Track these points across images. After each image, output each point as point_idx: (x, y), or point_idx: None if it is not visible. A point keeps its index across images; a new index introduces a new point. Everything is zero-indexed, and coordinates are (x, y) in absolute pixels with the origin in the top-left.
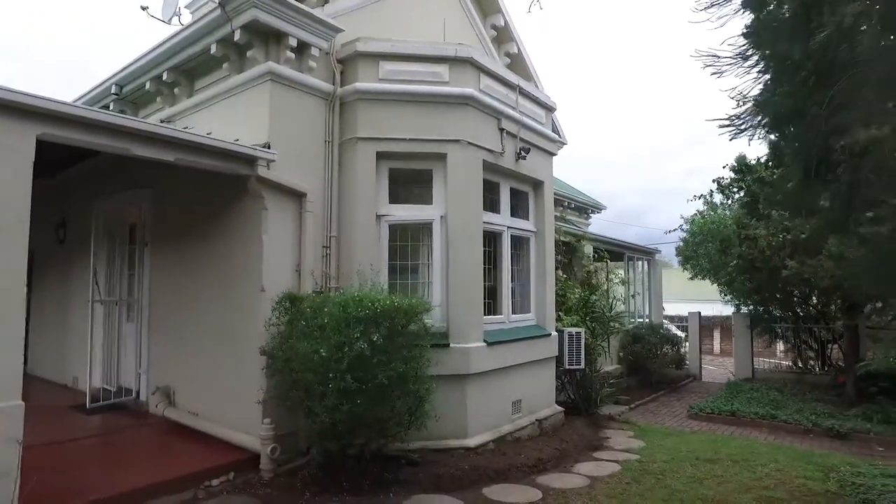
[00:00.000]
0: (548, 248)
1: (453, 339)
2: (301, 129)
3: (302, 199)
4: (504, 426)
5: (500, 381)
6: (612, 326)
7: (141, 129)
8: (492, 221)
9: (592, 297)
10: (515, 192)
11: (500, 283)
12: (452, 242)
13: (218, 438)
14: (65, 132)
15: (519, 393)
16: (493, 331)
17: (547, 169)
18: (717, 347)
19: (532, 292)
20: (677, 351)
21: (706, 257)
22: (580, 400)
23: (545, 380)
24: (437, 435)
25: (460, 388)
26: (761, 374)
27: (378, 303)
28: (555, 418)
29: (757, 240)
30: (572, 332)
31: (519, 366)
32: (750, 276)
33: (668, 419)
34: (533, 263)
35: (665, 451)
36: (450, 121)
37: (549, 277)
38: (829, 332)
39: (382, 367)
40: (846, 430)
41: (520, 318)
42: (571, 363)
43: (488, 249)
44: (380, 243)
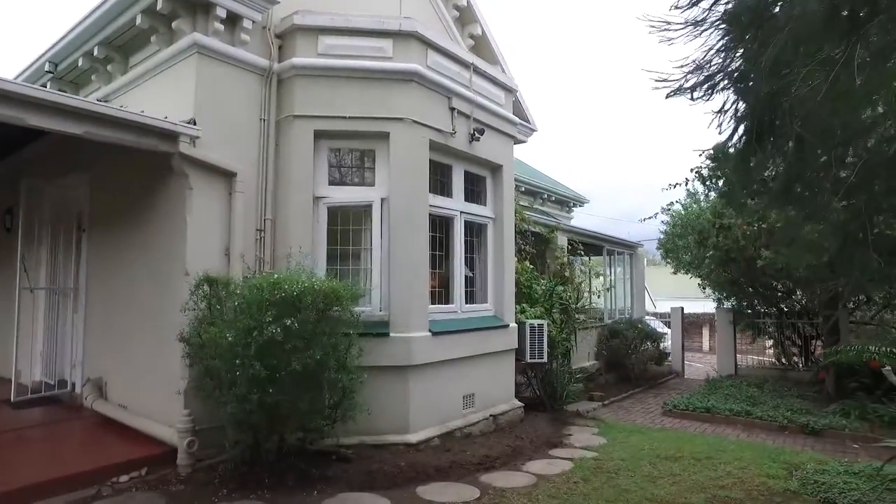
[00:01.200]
0: (507, 236)
1: (394, 328)
2: (233, 106)
3: (232, 178)
4: (453, 421)
5: (450, 373)
6: (578, 319)
7: (36, 96)
8: (442, 206)
9: (559, 288)
10: (471, 176)
11: (451, 271)
12: (395, 226)
13: (142, 433)
14: None
15: (472, 386)
16: (443, 320)
17: (507, 153)
18: (707, 345)
19: (490, 282)
20: (657, 347)
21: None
22: (545, 396)
23: (503, 373)
24: (376, 429)
25: (402, 380)
26: (745, 370)
27: (296, 285)
28: (513, 414)
29: (731, 229)
30: (534, 323)
31: (472, 358)
32: (726, 267)
33: (640, 416)
34: (491, 251)
35: (626, 448)
36: (394, 98)
37: (509, 266)
38: (813, 328)
39: (297, 353)
40: (821, 427)
41: (475, 309)
42: (533, 356)
43: (439, 235)
44: (318, 227)
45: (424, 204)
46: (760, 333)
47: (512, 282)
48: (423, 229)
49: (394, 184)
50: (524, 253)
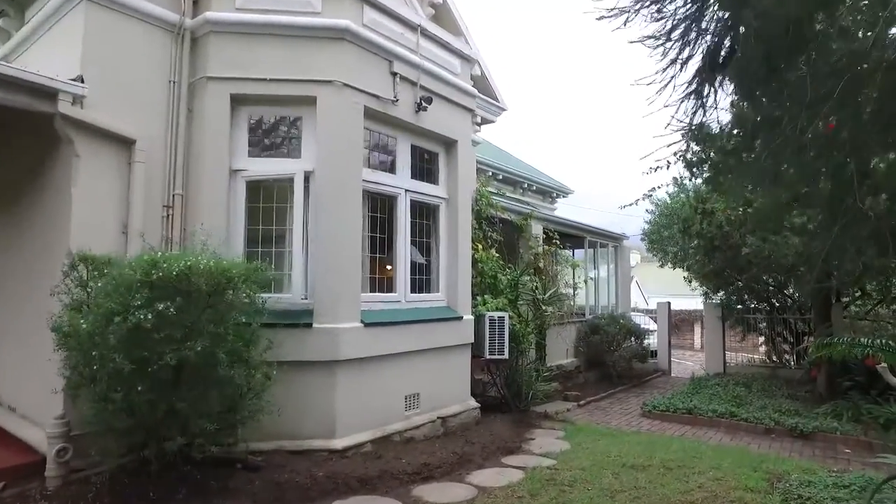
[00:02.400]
0: (462, 219)
1: (319, 318)
2: (134, 64)
3: (131, 146)
4: (392, 424)
5: (389, 370)
6: (546, 312)
7: None
8: (383, 182)
9: (524, 278)
10: (420, 152)
11: (395, 256)
12: (321, 203)
13: (21, 440)
14: None
15: (416, 385)
16: (382, 311)
17: (463, 128)
18: (698, 342)
19: (442, 269)
20: (641, 343)
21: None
22: (509, 395)
23: (455, 371)
24: (298, 433)
25: (328, 378)
26: (734, 368)
27: (177, 264)
28: (466, 416)
29: (715, 214)
30: (494, 316)
31: (417, 353)
32: (709, 257)
33: (616, 418)
34: (444, 236)
35: (590, 455)
36: (322, 59)
37: (464, 252)
38: (805, 324)
39: (173, 344)
40: (810, 430)
41: (422, 298)
42: (493, 352)
43: (380, 216)
44: (235, 203)
45: (357, 179)
46: (751, 330)
47: (467, 270)
48: (354, 207)
49: (321, 155)
50: (491, 240)
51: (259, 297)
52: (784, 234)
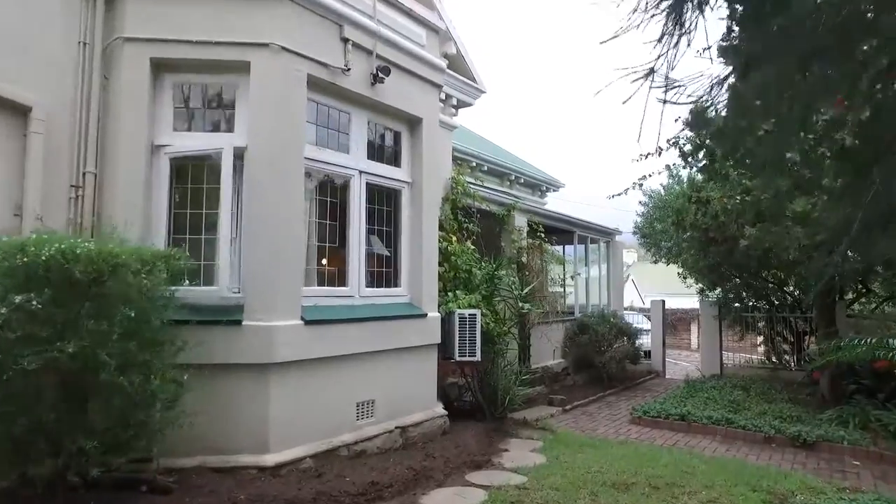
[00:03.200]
0: (428, 206)
1: (250, 315)
2: (31, 19)
3: (26, 115)
4: (340, 436)
5: (337, 374)
6: (523, 309)
7: None
8: (332, 162)
9: (500, 272)
10: (378, 130)
11: (348, 246)
12: (255, 183)
13: None
14: None
15: (371, 391)
16: (330, 306)
17: (429, 104)
18: (695, 342)
19: (404, 261)
20: (633, 343)
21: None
22: (483, 401)
23: (419, 374)
24: (225, 447)
25: (260, 383)
26: (731, 370)
27: (48, 248)
28: (431, 425)
29: (710, 203)
30: (464, 313)
31: (372, 355)
32: (704, 250)
33: (603, 424)
34: (406, 224)
35: (567, 471)
36: (257, 18)
37: (429, 243)
38: (807, 323)
39: (36, 346)
40: (814, 438)
41: (380, 293)
42: (462, 353)
43: (331, 200)
44: (157, 183)
45: (298, 157)
46: (749, 329)
47: (433, 262)
48: (295, 189)
49: (255, 129)
50: (467, 232)
51: (169, 289)
52: (785, 224)
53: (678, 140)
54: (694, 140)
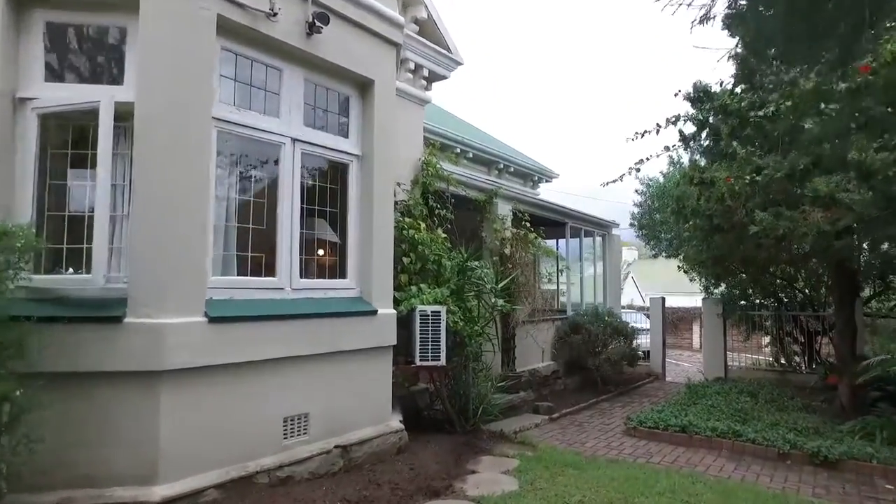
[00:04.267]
0: (379, 183)
1: (135, 310)
2: None
3: None
4: (260, 459)
5: (256, 383)
6: (497, 305)
7: None
8: (256, 126)
9: (473, 263)
10: (319, 92)
11: (277, 228)
12: (145, 147)
13: None
14: None
15: (304, 403)
16: (252, 301)
17: (383, 64)
18: (697, 342)
19: (351, 248)
20: (629, 344)
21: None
22: (453, 412)
23: (368, 382)
24: (99, 478)
25: (146, 396)
26: (736, 372)
27: None
28: (383, 442)
29: (715, 184)
30: (426, 310)
31: (306, 359)
32: (708, 240)
33: (594, 437)
34: (354, 204)
35: (542, 501)
36: None
37: (382, 227)
38: (819, 322)
39: None
40: (837, 456)
41: (320, 286)
42: (424, 357)
43: (256, 173)
44: (22, 146)
45: (204, 116)
46: (755, 328)
47: (388, 250)
48: (199, 155)
49: (146, 81)
50: (439, 219)
51: (21, 276)
52: (802, 207)
53: (679, 118)
54: (696, 118)
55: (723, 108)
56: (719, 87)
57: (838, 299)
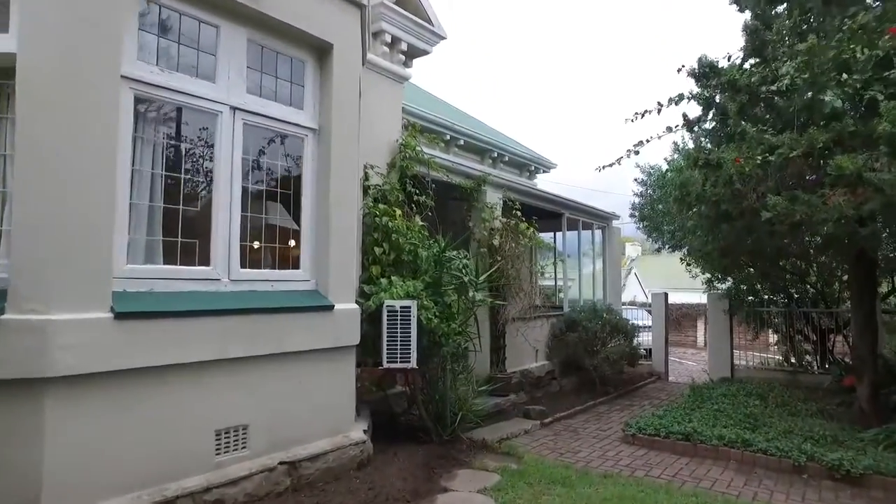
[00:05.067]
0: (339, 160)
1: (17, 304)
2: None
3: None
4: (182, 480)
5: (178, 390)
6: (476, 300)
7: None
8: (186, 90)
9: (451, 254)
10: (268, 55)
11: (214, 211)
12: (32, 109)
13: None
14: None
15: (242, 413)
16: (179, 293)
17: (345, 28)
18: (701, 339)
19: (306, 234)
20: (630, 342)
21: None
22: (429, 418)
23: (322, 387)
24: None
25: (29, 410)
26: (743, 372)
27: None
28: (340, 456)
29: (722, 167)
30: (394, 305)
31: (245, 362)
32: (714, 230)
33: (588, 445)
34: (310, 185)
35: None
36: None
37: (342, 211)
38: (832, 319)
39: None
40: (861, 470)
41: (267, 277)
42: (392, 358)
43: (187, 146)
44: None
45: (109, 72)
46: (764, 326)
47: (350, 237)
48: (100, 120)
49: (32, 29)
50: (419, 206)
51: None
52: (821, 191)
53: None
54: (701, 96)
55: (731, 83)
56: (727, 62)
57: (857, 295)
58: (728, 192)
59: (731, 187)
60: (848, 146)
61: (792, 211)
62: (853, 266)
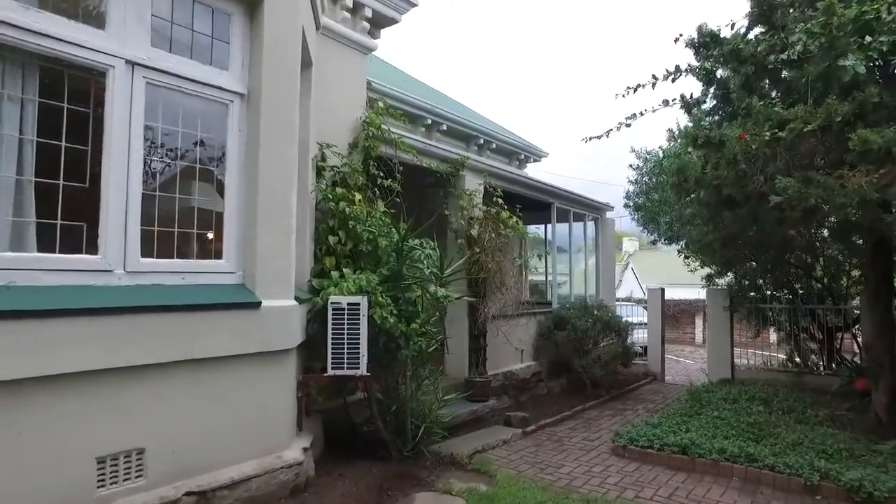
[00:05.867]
0: (270, 130)
1: None
2: None
3: None
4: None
5: (46, 407)
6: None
7: None
8: (64, 37)
9: (412, 242)
10: (181, 3)
11: (104, 188)
12: None
13: None
14: None
15: (136, 434)
16: (52, 288)
17: None
18: (700, 336)
19: (230, 217)
20: (623, 341)
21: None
22: (387, 432)
23: (251, 400)
24: None
25: None
26: (744, 372)
27: None
28: (267, 481)
29: (724, 144)
30: (340, 303)
31: (141, 371)
32: (715, 218)
33: (573, 458)
34: (236, 159)
35: None
36: None
37: (273, 190)
38: (839, 316)
39: None
40: (886, 493)
41: (176, 268)
42: (338, 364)
43: (70, 107)
44: None
45: None
46: (766, 323)
47: (286, 221)
48: None
49: None
50: (384, 191)
51: None
52: (839, 171)
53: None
54: (701, 69)
55: (734, 53)
56: (730, 31)
57: (872, 290)
58: (731, 173)
59: (735, 168)
60: (871, 119)
61: (805, 195)
62: (870, 257)
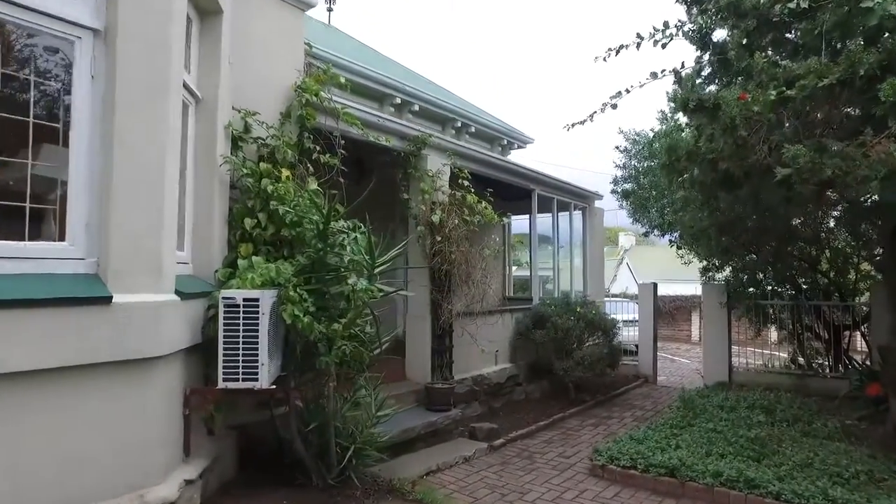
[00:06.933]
0: (131, 74)
1: None
2: None
3: None
4: None
5: None
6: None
7: None
8: None
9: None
10: None
11: None
12: None
13: None
14: None
15: None
16: None
17: None
18: (696, 333)
19: (78, 189)
20: (609, 341)
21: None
22: (309, 456)
23: (103, 424)
24: None
25: None
26: (743, 375)
27: None
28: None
29: (723, 108)
30: (234, 298)
31: None
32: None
33: (542, 480)
34: (87, 112)
35: None
36: None
37: (139, 154)
38: (847, 313)
39: None
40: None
41: (2, 252)
42: (231, 374)
43: None
44: None
45: None
46: (767, 321)
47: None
48: None
49: None
50: (322, 167)
51: None
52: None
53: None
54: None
55: (732, 6)
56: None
57: (891, 283)
58: (729, 144)
59: (734, 136)
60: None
61: (820, 166)
62: (889, 246)
